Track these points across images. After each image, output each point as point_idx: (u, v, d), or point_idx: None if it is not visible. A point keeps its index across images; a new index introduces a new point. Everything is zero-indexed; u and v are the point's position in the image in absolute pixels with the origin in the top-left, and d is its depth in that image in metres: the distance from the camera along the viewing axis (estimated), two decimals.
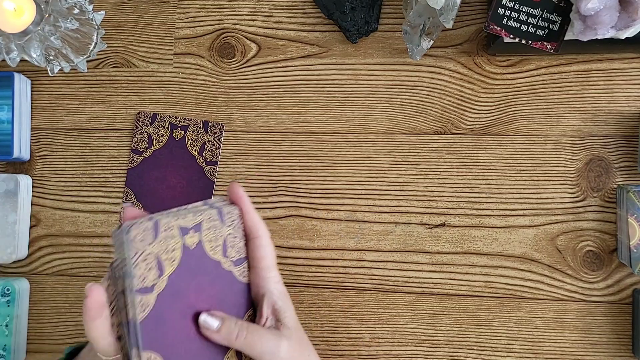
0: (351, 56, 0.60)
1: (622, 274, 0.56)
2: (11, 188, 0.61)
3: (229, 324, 0.40)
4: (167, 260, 0.39)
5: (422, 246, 0.58)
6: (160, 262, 0.39)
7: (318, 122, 0.60)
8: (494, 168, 0.58)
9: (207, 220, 0.42)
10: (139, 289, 0.37)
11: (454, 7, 0.49)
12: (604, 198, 0.57)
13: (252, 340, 0.40)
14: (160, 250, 0.39)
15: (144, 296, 0.38)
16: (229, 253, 0.43)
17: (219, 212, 0.42)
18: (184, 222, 0.41)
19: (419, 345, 0.58)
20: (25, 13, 0.52)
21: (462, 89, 0.59)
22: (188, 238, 0.40)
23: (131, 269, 0.37)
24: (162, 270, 0.39)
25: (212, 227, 0.42)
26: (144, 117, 0.62)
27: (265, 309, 0.42)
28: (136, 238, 0.37)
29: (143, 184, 0.62)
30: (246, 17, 0.62)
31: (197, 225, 0.41)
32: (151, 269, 0.38)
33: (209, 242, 0.42)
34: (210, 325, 0.40)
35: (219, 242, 0.42)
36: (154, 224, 0.39)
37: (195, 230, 0.41)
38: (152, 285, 0.38)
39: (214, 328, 0.40)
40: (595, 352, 0.56)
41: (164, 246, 0.39)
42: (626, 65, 0.57)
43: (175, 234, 0.40)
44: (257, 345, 0.40)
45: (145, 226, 0.38)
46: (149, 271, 0.38)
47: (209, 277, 0.42)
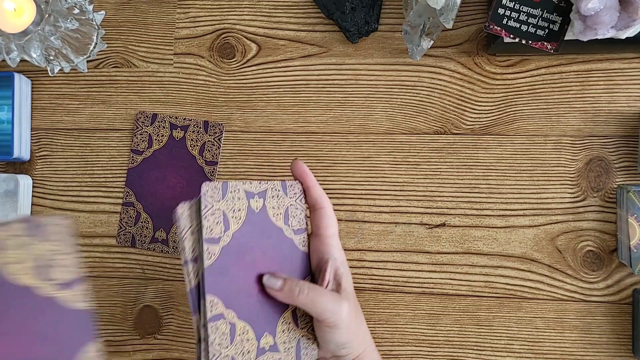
0: (351, 56, 0.60)
1: (622, 274, 0.56)
2: (11, 188, 0.61)
3: (290, 282, 0.43)
4: (233, 218, 0.43)
5: (422, 246, 0.58)
6: (227, 219, 0.43)
7: (318, 122, 0.60)
8: (494, 168, 0.58)
9: (271, 190, 0.46)
10: (207, 239, 0.41)
11: (454, 7, 0.49)
12: (604, 198, 0.57)
13: (314, 297, 0.42)
14: (227, 208, 0.43)
15: (210, 245, 0.41)
16: (290, 222, 0.47)
17: (283, 185, 0.47)
18: (250, 187, 0.45)
19: (419, 345, 0.58)
20: (25, 13, 0.52)
21: (462, 89, 0.59)
22: (253, 202, 0.45)
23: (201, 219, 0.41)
24: (228, 226, 0.43)
25: (275, 196, 0.46)
26: (144, 117, 0.62)
27: (329, 272, 0.45)
28: (207, 193, 0.42)
29: (143, 184, 0.62)
30: (246, 17, 0.62)
31: (261, 192, 0.45)
32: (218, 223, 0.42)
33: (272, 209, 0.46)
34: (273, 284, 0.43)
35: (281, 210, 0.46)
36: (223, 184, 0.43)
37: (260, 196, 0.45)
38: (218, 237, 0.42)
39: (277, 287, 0.43)
40: (595, 352, 0.56)
41: (230, 205, 0.43)
42: (626, 65, 0.57)
43: (242, 196, 0.44)
44: (319, 302, 0.42)
45: (214, 185, 0.43)
46: (216, 225, 0.42)
47: (271, 241, 0.45)
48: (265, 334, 0.44)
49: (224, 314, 0.42)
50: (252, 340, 0.43)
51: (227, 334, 0.42)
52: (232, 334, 0.42)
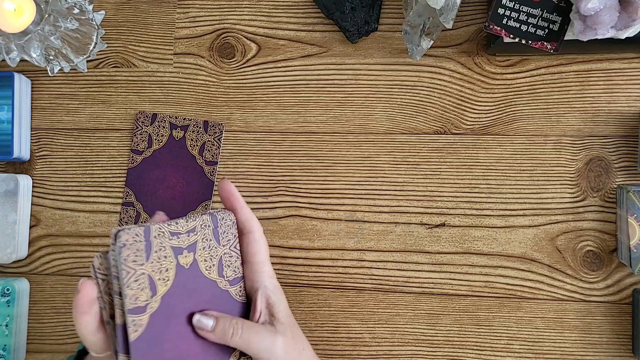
0: (351, 56, 0.60)
1: (622, 274, 0.56)
2: (11, 188, 0.61)
3: (223, 322, 0.40)
4: (160, 280, 0.39)
5: (422, 246, 0.58)
6: (153, 282, 0.38)
7: (318, 122, 0.60)
8: (494, 168, 0.58)
9: (202, 240, 0.41)
10: (131, 309, 0.37)
11: (454, 7, 0.49)
12: (604, 198, 0.57)
13: (247, 338, 0.40)
14: (153, 270, 0.38)
15: (136, 316, 0.37)
16: (225, 272, 0.43)
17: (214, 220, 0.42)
18: (177, 242, 0.40)
19: (419, 345, 0.58)
20: (25, 13, 0.52)
21: (462, 89, 0.59)
22: (182, 258, 0.40)
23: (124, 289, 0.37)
24: (155, 290, 0.38)
25: (207, 247, 0.42)
26: (144, 117, 0.62)
27: (259, 303, 0.42)
28: (128, 258, 0.37)
29: (143, 184, 0.62)
30: (246, 17, 0.62)
31: (191, 245, 0.41)
32: (143, 289, 0.38)
33: (204, 262, 0.41)
34: (204, 325, 0.40)
35: (214, 261, 0.42)
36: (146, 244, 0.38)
37: (189, 250, 0.41)
38: (144, 305, 0.38)
39: (209, 328, 0.40)
40: (595, 352, 0.56)
41: (156, 266, 0.38)
42: (626, 65, 0.57)
43: (169, 254, 0.39)
44: (252, 342, 0.40)
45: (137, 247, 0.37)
46: (142, 291, 0.37)
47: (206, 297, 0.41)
48: None
49: None
50: None
51: None
52: None
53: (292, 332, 0.43)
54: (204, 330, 0.40)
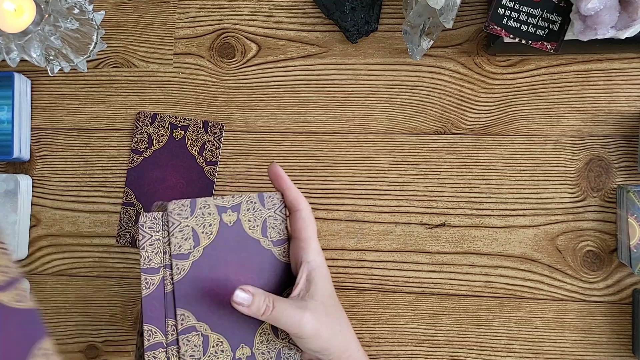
0: (351, 56, 0.60)
1: (622, 274, 0.56)
2: (11, 188, 0.61)
3: (258, 299, 0.42)
4: (204, 234, 0.43)
5: (422, 246, 0.58)
6: (197, 234, 0.43)
7: (318, 122, 0.60)
8: (494, 168, 0.58)
9: (246, 202, 0.45)
10: (175, 255, 0.42)
11: (454, 7, 0.49)
12: (604, 198, 0.57)
13: (276, 314, 0.42)
14: (197, 224, 0.43)
15: (179, 261, 0.42)
16: (269, 233, 0.46)
17: (260, 197, 0.46)
18: (222, 202, 0.44)
19: (419, 345, 0.58)
20: (25, 13, 0.52)
21: (462, 89, 0.59)
22: (225, 216, 0.44)
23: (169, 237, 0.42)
24: (198, 241, 0.43)
25: (251, 209, 0.45)
26: (144, 117, 0.62)
27: (300, 277, 0.44)
28: (174, 211, 0.42)
29: (143, 184, 0.62)
30: (246, 17, 0.62)
31: (235, 206, 0.45)
32: (187, 239, 0.42)
33: (247, 222, 0.45)
34: (242, 300, 0.42)
35: (258, 222, 0.45)
36: (191, 201, 0.43)
37: (234, 210, 0.44)
38: (187, 253, 0.42)
39: (246, 303, 0.42)
40: (595, 352, 0.56)
41: (200, 220, 0.43)
42: (626, 65, 0.57)
43: (213, 211, 0.43)
44: (281, 318, 0.42)
45: (182, 202, 0.42)
46: (185, 241, 0.42)
47: (248, 253, 0.45)
48: (241, 345, 0.44)
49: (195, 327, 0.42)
50: (227, 351, 0.43)
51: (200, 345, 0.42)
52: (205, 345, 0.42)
53: (327, 311, 0.44)
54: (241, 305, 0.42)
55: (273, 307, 0.42)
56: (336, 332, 0.45)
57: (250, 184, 0.61)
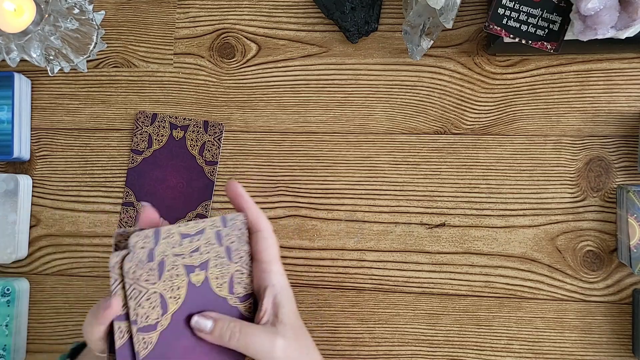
0: (351, 56, 0.60)
1: (622, 274, 0.56)
2: (11, 188, 0.61)
3: (221, 324, 0.40)
4: (172, 299, 0.39)
5: (422, 246, 0.58)
6: (165, 301, 0.39)
7: (318, 122, 0.60)
8: (494, 168, 0.58)
9: (214, 258, 0.41)
10: (142, 328, 0.37)
11: (454, 7, 0.49)
12: (604, 198, 0.57)
13: (245, 341, 0.39)
14: (165, 289, 0.39)
15: (146, 334, 0.38)
16: (235, 289, 0.42)
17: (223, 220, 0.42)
18: (190, 260, 0.40)
19: (419, 345, 0.58)
20: (25, 13, 0.52)
21: (462, 89, 0.59)
22: (194, 276, 0.40)
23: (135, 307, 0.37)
24: (166, 308, 0.39)
25: (219, 265, 0.42)
26: (144, 117, 0.62)
27: (266, 302, 0.42)
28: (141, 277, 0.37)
29: (143, 184, 0.62)
30: (246, 17, 0.62)
31: (203, 263, 0.41)
32: (155, 307, 0.38)
33: (215, 279, 0.41)
34: (203, 327, 0.40)
35: (225, 279, 0.42)
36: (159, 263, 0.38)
37: (202, 268, 0.41)
38: (155, 323, 0.38)
39: (207, 329, 0.40)
40: (595, 352, 0.56)
41: (168, 285, 0.39)
42: (626, 65, 0.57)
43: (181, 272, 0.40)
44: (250, 345, 0.39)
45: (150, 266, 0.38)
46: (153, 310, 0.38)
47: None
48: None
49: None
50: None
51: None
52: None
53: (296, 335, 0.42)
54: (202, 332, 0.40)
55: (240, 333, 0.40)
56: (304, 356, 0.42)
57: (250, 184, 0.61)
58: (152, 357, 0.38)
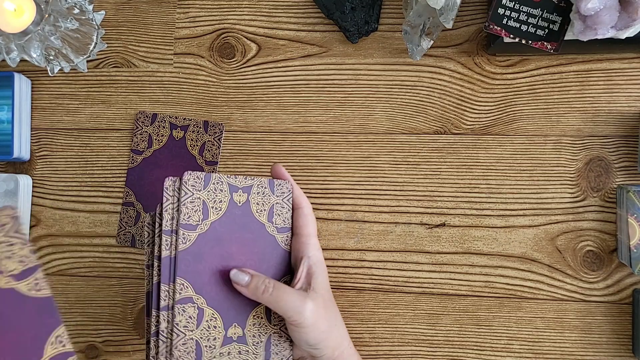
0: (351, 56, 0.60)
1: (622, 274, 0.56)
2: (11, 188, 0.61)
3: (256, 279, 0.43)
4: (213, 209, 0.44)
5: (422, 246, 0.58)
6: (207, 208, 0.44)
7: (318, 122, 0.60)
8: (494, 168, 0.58)
9: (257, 186, 0.47)
10: (183, 224, 0.43)
11: (454, 7, 0.49)
12: (604, 198, 0.57)
13: (278, 296, 0.43)
14: (208, 198, 0.44)
15: (186, 231, 0.43)
16: (274, 219, 0.47)
17: (270, 183, 0.47)
18: (235, 181, 0.46)
19: (419, 345, 0.58)
20: (25, 13, 0.52)
21: (462, 89, 0.59)
22: (236, 195, 0.45)
23: (180, 205, 0.42)
24: (207, 215, 0.44)
25: (260, 193, 0.47)
26: (144, 117, 0.62)
27: (301, 271, 0.45)
28: (188, 182, 0.43)
29: (143, 184, 0.62)
30: (246, 17, 0.62)
31: (246, 188, 0.46)
32: (197, 211, 0.43)
33: (256, 204, 0.46)
34: (239, 280, 0.43)
35: (265, 207, 0.47)
36: (206, 176, 0.44)
37: (245, 191, 0.46)
38: (195, 225, 0.43)
39: (244, 283, 0.43)
40: (595, 352, 0.56)
41: (212, 195, 0.44)
42: (626, 65, 0.57)
43: (225, 188, 0.45)
44: (282, 301, 0.43)
45: (197, 174, 0.44)
46: (195, 212, 0.43)
47: (252, 235, 0.46)
48: (234, 324, 0.45)
49: (192, 298, 0.43)
50: (220, 328, 0.44)
51: (194, 317, 0.43)
52: (199, 318, 0.43)
53: (325, 304, 0.45)
54: (239, 284, 0.43)
55: (273, 289, 0.43)
56: (332, 327, 0.45)
57: None
58: (188, 253, 0.42)
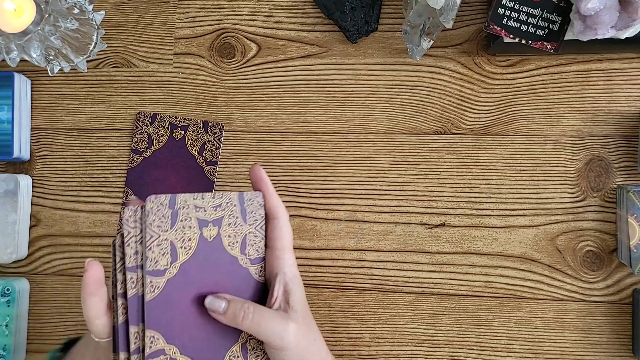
0: (351, 56, 0.60)
1: (622, 274, 0.56)
2: (11, 188, 0.61)
3: (234, 305, 0.41)
4: (182, 249, 0.40)
5: (422, 246, 0.58)
6: (175, 249, 0.40)
7: (318, 122, 0.60)
8: (494, 168, 0.58)
9: (229, 217, 0.43)
10: (150, 271, 0.39)
11: (454, 7, 0.49)
12: (604, 198, 0.57)
13: (259, 322, 0.40)
14: (176, 238, 0.40)
15: (154, 278, 0.39)
16: (247, 250, 0.43)
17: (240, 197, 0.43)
18: (204, 215, 0.42)
19: (419, 345, 0.58)
20: (25, 13, 0.52)
21: (462, 89, 0.59)
22: (206, 230, 0.42)
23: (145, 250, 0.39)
24: (176, 257, 0.40)
25: (232, 224, 0.43)
26: (144, 117, 0.62)
27: (277, 289, 0.43)
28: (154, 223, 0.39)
29: (143, 184, 0.62)
30: (246, 17, 0.62)
31: (217, 220, 0.42)
32: (165, 254, 0.40)
33: (227, 237, 0.42)
34: (216, 307, 0.40)
35: (237, 238, 0.43)
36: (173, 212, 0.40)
37: (215, 224, 0.42)
38: (163, 269, 0.40)
39: (220, 310, 0.40)
40: (595, 352, 0.56)
41: (180, 235, 0.40)
42: (626, 65, 0.57)
43: (194, 224, 0.41)
44: (263, 326, 0.40)
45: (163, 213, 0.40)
46: (162, 256, 0.39)
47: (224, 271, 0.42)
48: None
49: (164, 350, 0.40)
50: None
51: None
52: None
53: (305, 322, 0.43)
54: (215, 312, 0.41)
55: (254, 314, 0.40)
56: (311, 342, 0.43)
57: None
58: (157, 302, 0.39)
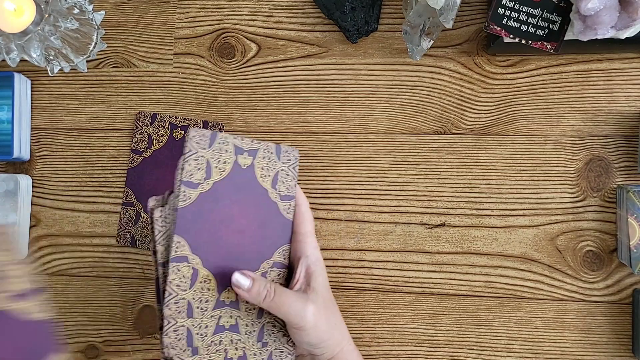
0: (351, 56, 0.60)
1: (622, 274, 0.56)
2: (11, 188, 0.61)
3: (259, 284, 0.42)
4: (217, 168, 0.43)
5: (422, 246, 0.58)
6: (210, 167, 0.43)
7: (318, 122, 0.60)
8: (494, 168, 0.58)
9: (263, 150, 0.45)
10: (185, 181, 0.42)
11: (454, 7, 0.49)
12: (604, 198, 0.57)
13: (279, 302, 0.42)
14: (212, 157, 0.43)
15: (187, 189, 0.42)
16: (278, 186, 0.46)
17: (277, 149, 0.46)
18: (241, 143, 0.44)
19: (419, 345, 0.58)
20: (25, 13, 0.52)
21: (462, 89, 0.59)
22: (241, 158, 0.44)
23: (183, 162, 0.42)
24: (210, 174, 0.43)
25: (266, 158, 0.45)
26: (144, 117, 0.62)
27: (300, 271, 0.45)
28: (193, 139, 0.42)
29: (143, 184, 0.62)
30: (246, 17, 0.62)
31: (252, 151, 0.45)
32: (200, 169, 0.42)
33: (260, 169, 0.45)
34: (242, 284, 0.42)
35: (270, 172, 0.46)
36: (212, 134, 0.43)
37: (250, 154, 0.45)
38: (197, 183, 0.42)
39: (245, 287, 0.42)
40: (595, 352, 0.56)
41: (216, 155, 0.43)
42: (626, 65, 0.57)
43: (230, 149, 0.44)
44: (284, 306, 0.42)
45: (203, 133, 0.43)
46: (197, 170, 0.42)
47: (254, 200, 0.45)
48: (228, 288, 0.44)
49: (188, 258, 0.42)
50: (213, 290, 0.43)
51: (188, 277, 0.42)
52: (193, 279, 0.42)
53: (326, 305, 0.44)
54: (240, 288, 0.42)
55: (274, 294, 0.42)
56: (332, 326, 0.45)
57: None
58: (187, 211, 0.41)
